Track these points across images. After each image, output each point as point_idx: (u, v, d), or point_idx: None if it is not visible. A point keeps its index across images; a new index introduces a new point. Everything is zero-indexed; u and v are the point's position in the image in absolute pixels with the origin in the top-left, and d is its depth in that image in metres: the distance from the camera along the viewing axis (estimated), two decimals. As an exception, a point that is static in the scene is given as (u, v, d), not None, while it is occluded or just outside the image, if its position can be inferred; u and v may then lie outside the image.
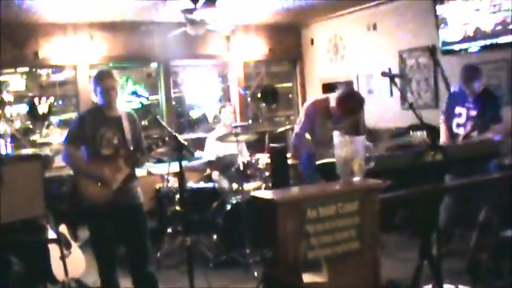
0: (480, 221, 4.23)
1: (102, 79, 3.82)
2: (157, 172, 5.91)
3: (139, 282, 3.94)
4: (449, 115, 4.88)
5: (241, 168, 5.47)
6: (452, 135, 4.81)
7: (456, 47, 6.18)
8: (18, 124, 7.20)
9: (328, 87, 7.86)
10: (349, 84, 7.62)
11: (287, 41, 8.79)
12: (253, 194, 3.25)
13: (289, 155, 6.03)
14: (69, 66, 7.15)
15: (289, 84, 9.24)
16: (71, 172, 6.17)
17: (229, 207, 5.36)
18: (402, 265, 4.34)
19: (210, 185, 5.97)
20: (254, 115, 8.80)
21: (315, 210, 2.82)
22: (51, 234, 4.26)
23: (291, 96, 9.25)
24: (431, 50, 6.62)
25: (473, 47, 5.99)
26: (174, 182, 5.80)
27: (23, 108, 7.14)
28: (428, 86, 6.83)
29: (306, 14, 7.95)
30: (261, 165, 5.68)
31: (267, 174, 5.68)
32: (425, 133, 3.44)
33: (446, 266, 3.39)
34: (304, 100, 8.40)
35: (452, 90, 5.22)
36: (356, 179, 3.04)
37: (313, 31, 8.69)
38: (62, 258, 4.06)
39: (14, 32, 6.50)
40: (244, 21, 8.04)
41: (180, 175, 3.66)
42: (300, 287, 2.60)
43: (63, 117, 7.52)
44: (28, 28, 6.63)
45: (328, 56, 8.36)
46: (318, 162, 4.08)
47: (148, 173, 5.75)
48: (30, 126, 7.25)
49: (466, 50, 6.08)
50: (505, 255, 4.07)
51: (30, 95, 7.17)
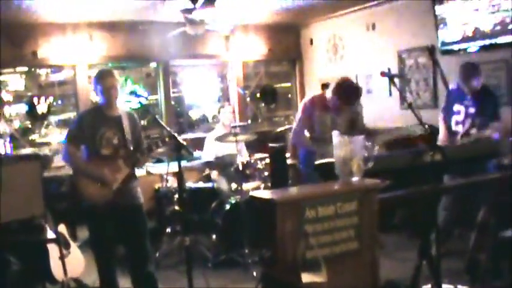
0: (479, 221, 4.23)
1: (103, 78, 3.81)
2: (157, 172, 5.92)
3: (139, 282, 3.94)
4: (448, 113, 4.88)
5: (240, 168, 5.47)
6: (451, 133, 4.80)
7: (455, 47, 6.18)
8: (17, 124, 7.19)
9: (325, 86, 7.84)
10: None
11: (286, 41, 8.79)
12: (252, 194, 3.24)
13: (288, 155, 6.04)
14: (68, 66, 7.14)
15: (289, 84, 9.24)
16: (70, 172, 6.16)
17: (228, 207, 5.36)
18: (401, 265, 4.35)
19: (209, 185, 5.97)
20: (253, 115, 8.81)
21: (313, 210, 2.82)
22: (50, 234, 4.25)
23: (290, 96, 9.26)
24: (430, 50, 6.62)
25: (472, 47, 6.00)
26: (173, 182, 5.80)
27: (22, 108, 7.13)
28: (427, 86, 6.83)
29: (305, 14, 7.95)
30: (260, 165, 5.68)
31: (266, 174, 5.68)
32: (420, 126, 3.43)
33: (445, 266, 3.39)
34: (303, 100, 8.41)
35: (451, 88, 5.21)
36: (355, 179, 3.04)
37: (313, 31, 8.69)
38: (61, 258, 4.06)
39: (13, 32, 6.49)
40: (243, 21, 8.04)
41: (179, 175, 3.66)
42: (299, 287, 2.60)
43: (62, 117, 7.52)
44: (27, 28, 6.62)
45: (327, 56, 8.36)
46: (316, 162, 4.07)
47: (148, 172, 5.76)
48: (29, 126, 7.24)
49: (465, 50, 6.09)
50: (503, 256, 4.07)
51: (29, 94, 7.17)
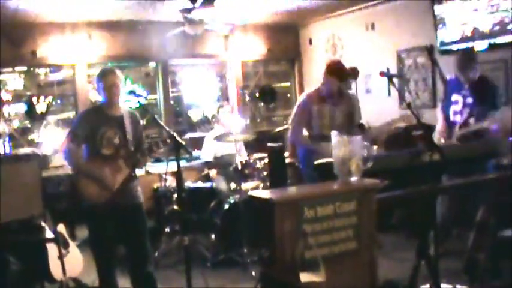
0: (478, 220, 4.23)
1: (105, 76, 3.79)
2: (155, 171, 5.92)
3: (138, 282, 3.93)
4: (446, 103, 4.87)
5: (239, 167, 5.47)
6: (449, 123, 4.81)
7: (454, 47, 6.18)
8: (16, 123, 7.19)
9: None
10: (347, 83, 7.61)
11: (285, 40, 8.79)
12: (251, 193, 3.24)
13: (286, 154, 6.03)
14: (67, 65, 7.14)
15: (288, 83, 9.24)
16: (69, 171, 6.15)
17: (227, 207, 5.35)
18: (399, 265, 4.35)
19: (208, 184, 5.97)
20: (252, 115, 8.81)
21: (312, 210, 2.82)
22: (49, 234, 4.25)
23: (289, 95, 9.25)
24: (429, 50, 6.62)
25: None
26: (172, 182, 5.80)
27: (21, 107, 7.12)
28: (426, 86, 6.83)
29: (304, 14, 7.95)
30: (259, 165, 5.68)
31: (265, 173, 5.68)
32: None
33: (444, 266, 3.40)
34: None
35: (448, 78, 5.18)
36: (353, 178, 3.04)
37: (312, 31, 8.69)
38: (60, 257, 4.06)
39: (12, 31, 6.49)
40: (242, 21, 8.03)
41: (178, 175, 3.65)
42: (298, 287, 2.60)
43: (61, 116, 7.51)
44: (26, 27, 6.62)
45: (326, 56, 8.35)
46: (315, 162, 4.07)
47: (147, 172, 5.76)
48: (28, 126, 7.23)
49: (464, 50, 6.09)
50: (502, 255, 4.07)
51: (28, 94, 7.16)
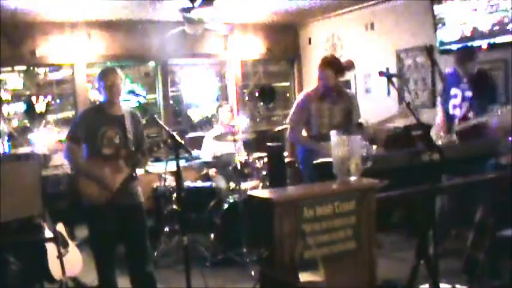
0: (477, 220, 4.23)
1: (106, 75, 3.77)
2: (155, 171, 5.91)
3: (138, 282, 3.92)
4: (446, 96, 4.87)
5: (239, 167, 5.47)
6: (448, 117, 4.80)
7: (454, 47, 6.17)
8: (15, 123, 7.19)
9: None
10: (346, 82, 7.62)
11: (285, 40, 8.80)
12: (250, 193, 3.24)
13: (286, 153, 6.03)
14: (67, 65, 7.15)
15: (287, 83, 9.25)
16: (68, 171, 6.15)
17: (226, 207, 5.35)
18: (398, 265, 4.35)
19: (207, 184, 5.97)
20: (252, 114, 8.81)
21: (311, 210, 2.82)
22: (48, 233, 4.25)
23: (288, 95, 9.26)
24: (428, 50, 6.63)
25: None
26: (171, 181, 5.79)
27: (21, 106, 7.13)
28: (425, 86, 6.83)
29: (304, 14, 7.95)
30: (258, 164, 5.68)
31: (264, 173, 5.68)
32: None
33: (443, 266, 3.39)
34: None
35: (447, 72, 5.17)
36: (353, 178, 3.04)
37: (311, 30, 8.70)
38: (59, 257, 4.06)
39: (12, 31, 6.49)
40: (242, 20, 8.04)
41: (177, 174, 3.65)
42: (297, 287, 2.60)
43: (61, 116, 7.52)
44: (25, 27, 6.62)
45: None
46: (314, 162, 4.07)
47: (146, 171, 5.76)
48: (28, 125, 7.23)
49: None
50: (501, 255, 4.07)
51: (28, 93, 7.16)
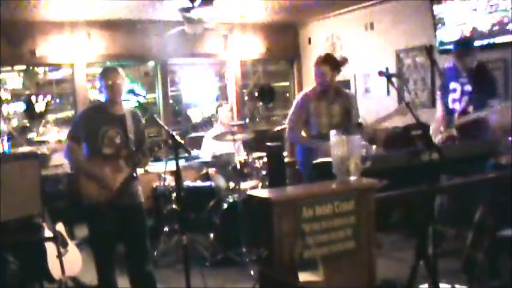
0: (476, 220, 4.23)
1: (108, 74, 3.77)
2: (154, 170, 5.91)
3: (137, 282, 3.92)
4: (445, 91, 4.86)
5: (238, 167, 5.47)
6: (448, 111, 4.79)
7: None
8: (15, 122, 7.19)
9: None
10: (346, 82, 7.62)
11: (284, 40, 8.79)
12: (249, 193, 3.24)
13: (285, 153, 6.02)
14: (66, 64, 7.14)
15: (286, 83, 9.24)
16: (68, 170, 6.14)
17: (225, 206, 5.35)
18: (398, 264, 4.35)
19: (206, 183, 5.97)
20: (251, 114, 8.81)
21: (311, 209, 2.81)
22: (48, 233, 4.25)
23: (288, 95, 9.25)
24: (428, 50, 6.61)
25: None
26: (170, 181, 5.80)
27: (20, 106, 7.13)
28: (425, 86, 6.84)
29: (304, 13, 7.95)
30: (257, 164, 5.68)
31: (264, 173, 5.68)
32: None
33: (442, 266, 3.39)
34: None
35: (446, 66, 5.16)
36: (352, 178, 3.04)
37: (311, 30, 8.69)
38: (59, 256, 4.06)
39: (11, 30, 6.49)
40: (241, 20, 8.03)
41: (176, 174, 3.65)
42: (296, 286, 2.60)
43: (60, 115, 7.52)
44: (25, 26, 6.62)
45: (325, 55, 8.36)
46: (314, 162, 4.07)
47: (145, 171, 5.75)
48: (27, 125, 7.24)
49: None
50: (501, 255, 4.07)
51: (27, 93, 7.17)
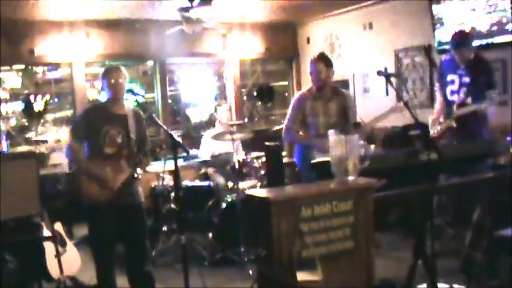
0: (474, 220, 4.24)
1: (110, 73, 3.77)
2: (153, 170, 5.90)
3: (136, 282, 3.92)
4: (443, 83, 4.87)
5: (237, 166, 5.47)
6: (447, 103, 4.79)
7: (452, 47, 6.19)
8: (13, 121, 7.19)
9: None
10: (344, 82, 7.63)
11: (283, 39, 8.80)
12: (248, 192, 3.24)
13: (284, 153, 6.02)
14: (65, 63, 7.14)
15: (285, 82, 9.25)
16: (67, 170, 6.14)
17: (224, 206, 5.35)
18: (396, 264, 4.35)
19: (205, 183, 5.96)
20: (250, 113, 8.81)
21: (309, 209, 2.82)
22: (46, 232, 4.25)
23: (286, 94, 9.26)
24: (427, 50, 6.63)
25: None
26: (169, 180, 5.79)
27: (19, 105, 7.13)
28: (423, 85, 6.85)
29: (303, 13, 7.95)
30: (256, 164, 5.68)
31: (262, 172, 5.68)
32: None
33: (441, 265, 3.40)
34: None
35: (443, 58, 5.15)
36: (350, 178, 3.04)
37: (310, 30, 8.70)
38: (57, 256, 4.06)
39: (10, 30, 6.48)
40: (240, 20, 8.03)
41: (175, 173, 3.65)
42: (295, 286, 2.60)
43: (59, 114, 7.52)
44: (24, 25, 6.61)
45: (324, 55, 8.36)
46: (312, 161, 4.07)
47: (144, 170, 5.74)
48: (26, 124, 7.23)
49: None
50: (499, 255, 4.07)
51: (26, 92, 7.17)
